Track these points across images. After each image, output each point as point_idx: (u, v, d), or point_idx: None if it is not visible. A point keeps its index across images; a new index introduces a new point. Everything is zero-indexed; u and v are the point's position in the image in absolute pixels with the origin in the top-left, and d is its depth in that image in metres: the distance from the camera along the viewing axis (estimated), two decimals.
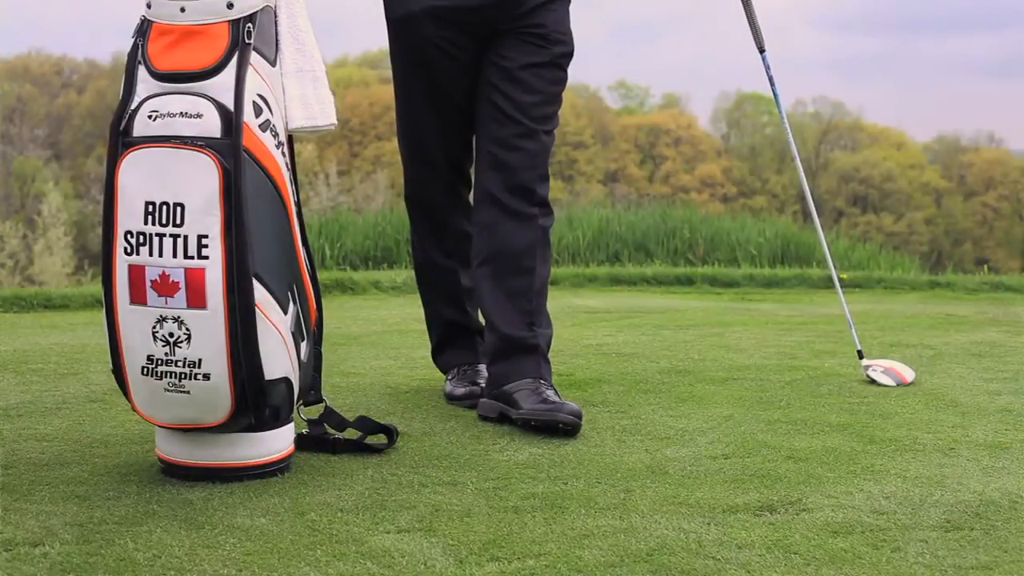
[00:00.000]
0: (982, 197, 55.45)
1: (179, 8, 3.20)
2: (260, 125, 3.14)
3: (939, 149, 61.26)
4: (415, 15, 3.84)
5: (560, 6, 3.94)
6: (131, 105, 3.18)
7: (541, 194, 3.89)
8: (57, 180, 43.80)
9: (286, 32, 3.32)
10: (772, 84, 4.68)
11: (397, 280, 8.62)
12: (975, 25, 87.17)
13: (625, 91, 65.70)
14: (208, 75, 3.15)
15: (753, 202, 49.13)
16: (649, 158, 57.81)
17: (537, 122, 3.86)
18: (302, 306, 3.24)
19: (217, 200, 3.03)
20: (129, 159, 3.09)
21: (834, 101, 60.80)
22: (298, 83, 3.32)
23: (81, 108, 53.37)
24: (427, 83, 3.94)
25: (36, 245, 33.84)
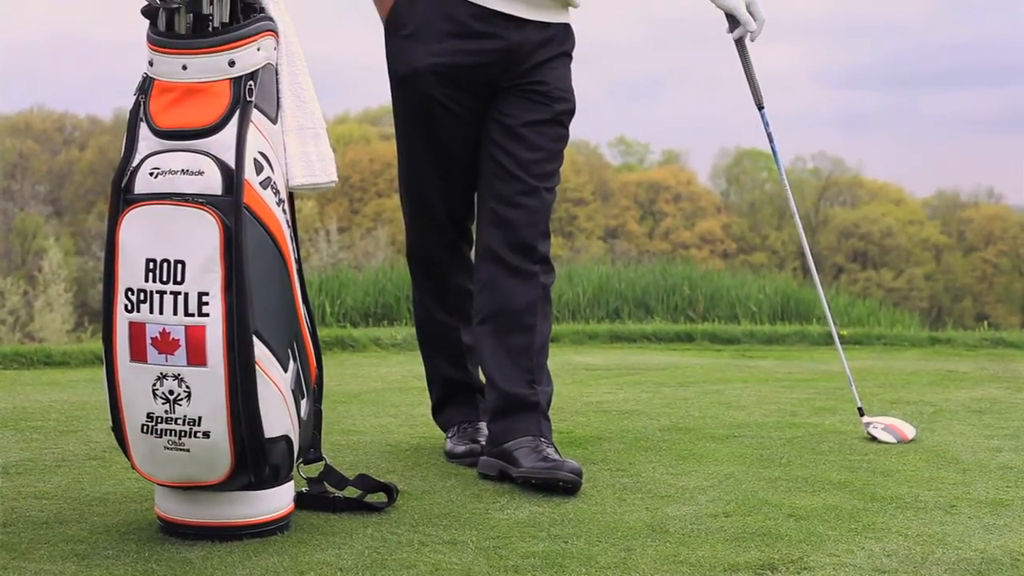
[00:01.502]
0: (982, 253, 55.47)
1: (181, 66, 3.22)
2: (261, 182, 3.15)
3: (938, 205, 61.36)
4: (418, 72, 3.85)
5: (561, 64, 3.96)
6: (133, 162, 3.19)
7: (542, 251, 3.90)
8: (58, 236, 43.85)
9: (287, 89, 3.34)
10: (771, 141, 4.70)
11: (397, 337, 8.61)
12: (973, 81, 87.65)
13: (625, 148, 65.93)
14: (210, 132, 3.16)
15: (753, 258, 49.16)
16: (649, 214, 57.90)
17: (539, 179, 3.88)
18: (302, 363, 3.23)
19: (218, 257, 3.04)
20: (130, 216, 3.10)
21: (833, 157, 60.98)
22: (299, 140, 3.33)
23: (83, 164, 53.50)
24: (429, 140, 3.95)
25: (36, 301, 33.84)
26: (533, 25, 3.87)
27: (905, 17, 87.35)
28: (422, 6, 3.84)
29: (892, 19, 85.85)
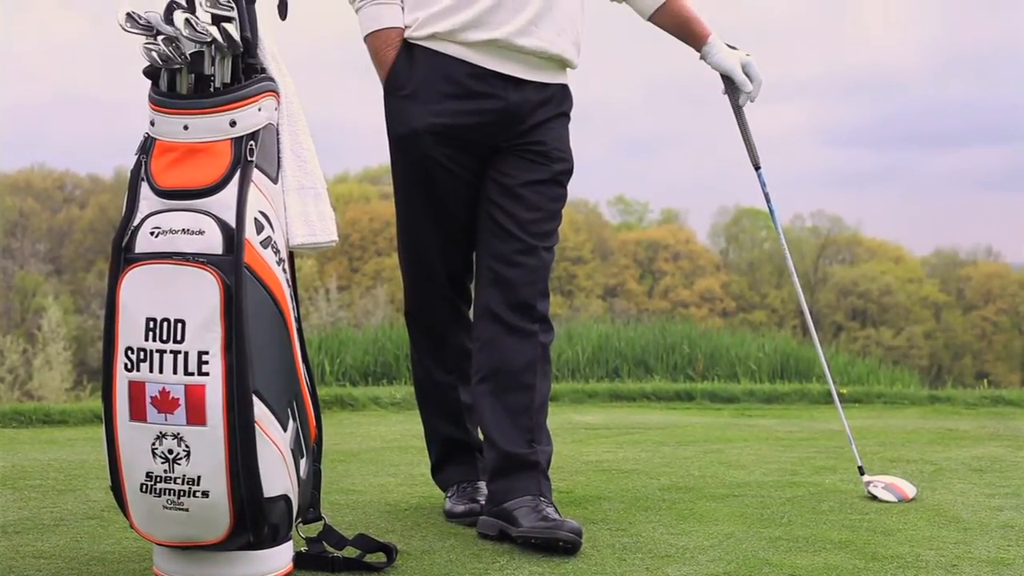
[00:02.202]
0: (981, 311, 55.49)
1: (182, 126, 3.24)
2: (262, 242, 3.16)
3: (937, 263, 61.44)
4: (417, 132, 3.87)
5: (560, 124, 3.99)
6: (134, 221, 3.20)
7: (541, 310, 3.90)
8: (57, 295, 43.83)
9: (288, 149, 3.35)
10: (768, 201, 4.71)
11: (396, 396, 8.60)
12: (970, 140, 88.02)
13: (624, 206, 66.07)
14: (210, 192, 3.17)
15: (752, 317, 49.16)
16: (648, 273, 57.96)
17: (537, 238, 3.89)
18: (302, 423, 3.23)
19: (218, 317, 3.04)
20: (131, 275, 3.10)
21: (832, 215, 61.09)
22: (299, 200, 3.35)
23: (83, 223, 53.60)
24: (428, 199, 3.97)
25: (36, 360, 33.77)
26: (531, 85, 3.89)
27: (903, 76, 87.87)
28: (421, 67, 3.86)
29: (889, 78, 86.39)
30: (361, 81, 4.47)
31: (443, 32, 3.83)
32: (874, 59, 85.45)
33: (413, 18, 3.87)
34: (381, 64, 3.92)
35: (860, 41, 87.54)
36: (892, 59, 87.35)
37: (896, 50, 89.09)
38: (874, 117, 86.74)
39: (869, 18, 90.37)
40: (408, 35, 3.88)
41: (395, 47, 3.89)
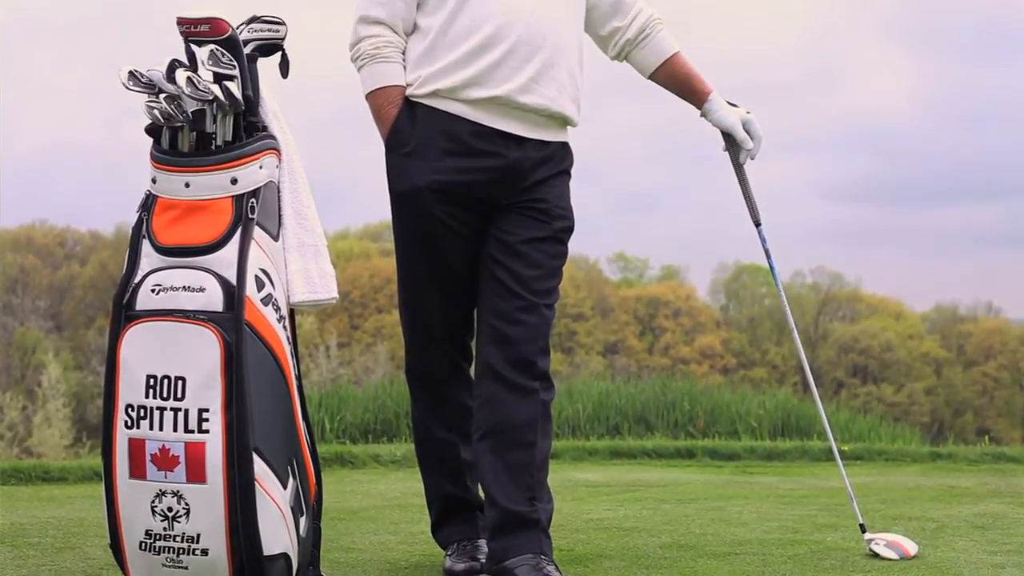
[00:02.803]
0: (982, 367, 55.42)
1: (184, 183, 3.26)
2: (262, 299, 3.17)
3: (937, 319, 61.42)
4: (419, 189, 3.88)
5: (560, 181, 4.00)
6: (135, 279, 3.21)
7: (542, 367, 3.90)
8: (57, 351, 43.81)
9: (289, 206, 3.37)
10: (768, 257, 4.71)
11: (397, 454, 8.58)
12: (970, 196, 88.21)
13: (624, 263, 66.07)
14: (211, 249, 3.19)
15: (753, 373, 49.10)
16: (648, 330, 57.92)
17: (538, 296, 3.90)
18: (302, 480, 3.23)
19: (218, 374, 3.05)
20: (131, 332, 3.11)
21: (832, 271, 61.10)
22: (300, 257, 3.36)
23: (83, 279, 53.62)
24: (429, 256, 3.97)
25: (35, 416, 33.72)
26: (532, 143, 3.91)
27: (901, 131, 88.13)
28: (422, 124, 3.88)
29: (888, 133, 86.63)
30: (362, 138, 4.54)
31: (445, 90, 3.85)
32: (873, 115, 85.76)
33: (415, 76, 3.89)
34: (383, 122, 3.94)
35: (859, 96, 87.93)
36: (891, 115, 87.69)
37: (895, 105, 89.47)
38: (874, 173, 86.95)
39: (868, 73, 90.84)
40: (410, 93, 3.90)
41: (397, 105, 3.90)
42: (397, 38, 3.92)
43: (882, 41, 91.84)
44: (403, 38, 3.94)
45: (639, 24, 4.17)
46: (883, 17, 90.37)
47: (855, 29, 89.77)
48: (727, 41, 78.35)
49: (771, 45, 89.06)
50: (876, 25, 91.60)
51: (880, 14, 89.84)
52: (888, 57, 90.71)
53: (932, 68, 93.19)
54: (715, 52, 62.10)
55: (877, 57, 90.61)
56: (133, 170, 3.63)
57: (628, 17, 4.17)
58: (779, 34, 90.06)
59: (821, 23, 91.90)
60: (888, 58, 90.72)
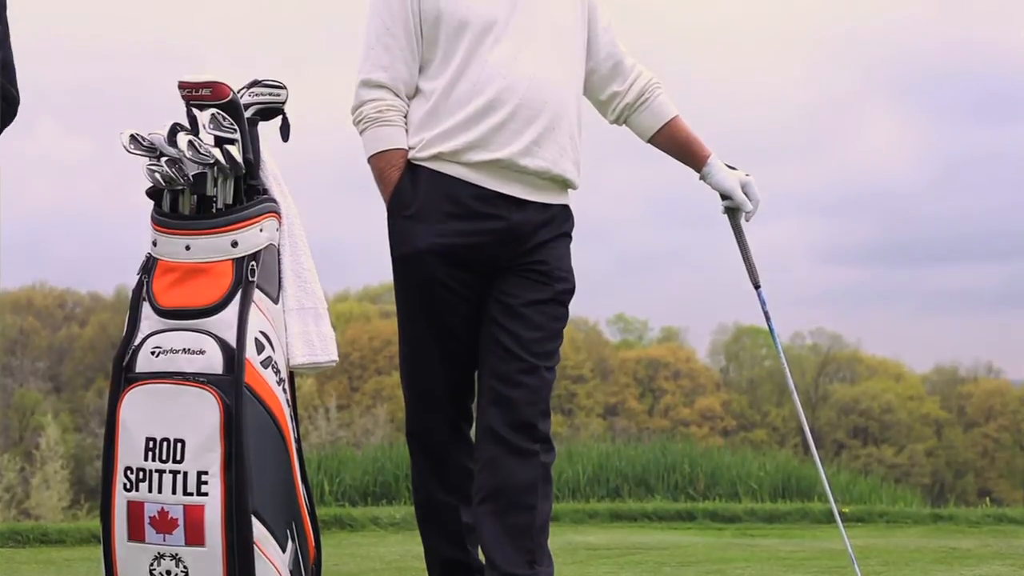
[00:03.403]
0: (983, 428, 55.32)
1: (184, 246, 3.27)
2: (262, 362, 3.17)
3: (938, 380, 61.36)
4: (420, 252, 3.89)
5: (561, 244, 4.01)
6: (135, 341, 3.21)
7: (543, 430, 3.90)
8: (56, 413, 43.73)
9: (289, 269, 3.38)
10: (768, 320, 4.71)
11: (396, 516, 8.54)
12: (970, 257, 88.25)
13: (624, 325, 66.07)
14: (211, 312, 3.19)
15: (753, 435, 49.00)
16: (648, 391, 57.86)
17: (539, 358, 3.89)
18: (300, 544, 3.22)
19: (218, 437, 3.04)
20: (131, 395, 3.11)
21: (832, 333, 61.08)
22: (300, 320, 3.36)
23: (83, 341, 53.62)
24: (431, 318, 3.97)
25: (33, 478, 33.61)
26: (534, 206, 3.92)
27: (900, 193, 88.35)
28: (425, 187, 3.89)
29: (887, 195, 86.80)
30: (363, 200, 4.55)
31: (447, 153, 3.86)
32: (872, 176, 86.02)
33: (417, 139, 3.91)
34: (385, 184, 3.94)
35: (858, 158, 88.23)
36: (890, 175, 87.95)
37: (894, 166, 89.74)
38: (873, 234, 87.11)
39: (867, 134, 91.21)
40: (412, 156, 3.91)
41: (399, 168, 3.92)
42: (399, 101, 3.94)
43: (881, 102, 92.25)
44: (405, 101, 3.96)
45: (638, 88, 4.20)
46: (882, 78, 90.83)
47: (854, 91, 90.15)
48: (726, 104, 78.72)
49: (770, 108, 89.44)
50: (875, 86, 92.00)
51: (879, 75, 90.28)
52: (887, 118, 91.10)
53: (930, 128, 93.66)
54: (714, 115, 62.38)
55: (876, 118, 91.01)
56: (134, 232, 3.64)
57: (627, 82, 4.19)
58: (778, 97, 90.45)
59: (820, 85, 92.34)
60: (887, 119, 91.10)
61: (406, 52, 3.93)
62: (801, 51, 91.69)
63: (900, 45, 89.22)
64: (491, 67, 3.86)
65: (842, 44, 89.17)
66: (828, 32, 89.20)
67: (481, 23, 3.89)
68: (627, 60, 4.21)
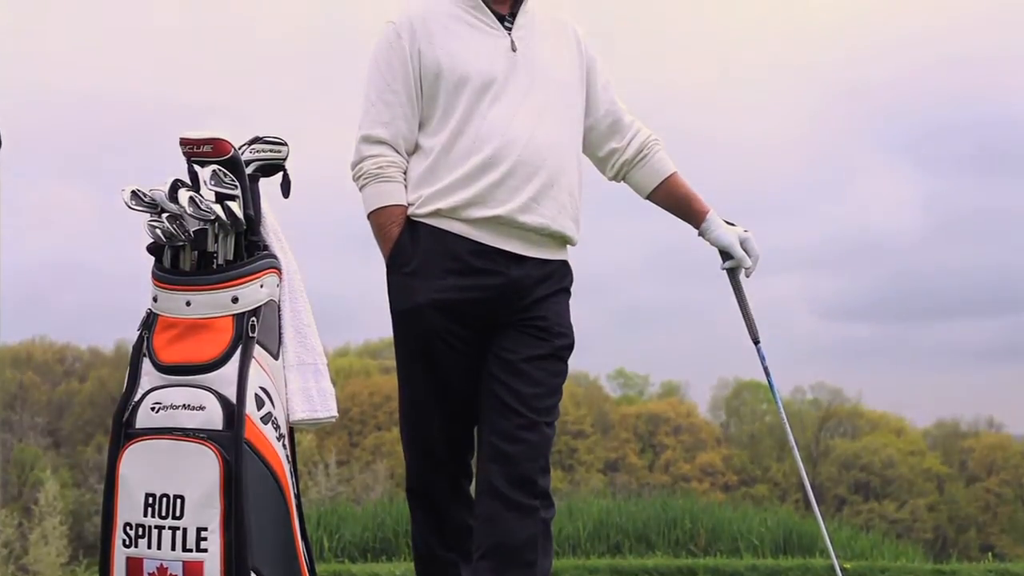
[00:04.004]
0: (984, 483, 55.13)
1: (185, 302, 3.27)
2: (262, 417, 3.17)
3: (939, 435, 61.20)
4: (420, 308, 3.89)
5: (560, 299, 4.02)
6: (135, 396, 3.22)
7: (542, 486, 3.89)
8: (55, 468, 43.60)
9: (289, 325, 3.38)
10: (768, 375, 4.70)
11: (396, 573, 8.52)
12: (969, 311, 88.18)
13: (624, 380, 65.94)
14: (211, 368, 3.19)
15: (754, 491, 48.82)
16: (649, 447, 57.70)
17: (539, 414, 3.89)
18: None
19: (217, 493, 3.04)
20: (131, 451, 3.11)
21: (832, 387, 60.95)
22: (300, 376, 3.36)
23: (82, 396, 53.52)
24: (431, 374, 3.97)
25: (32, 534, 33.44)
26: (532, 262, 3.93)
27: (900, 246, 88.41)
28: (424, 243, 3.89)
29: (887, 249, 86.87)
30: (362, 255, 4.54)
31: (446, 209, 3.88)
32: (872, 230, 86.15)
33: (417, 195, 3.92)
34: (385, 241, 3.95)
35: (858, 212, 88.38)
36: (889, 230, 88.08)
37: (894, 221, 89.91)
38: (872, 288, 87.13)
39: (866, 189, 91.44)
40: (411, 212, 3.92)
41: (399, 224, 3.93)
42: (399, 158, 3.96)
43: (880, 157, 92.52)
44: (405, 158, 3.97)
45: (637, 145, 4.22)
46: (882, 132, 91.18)
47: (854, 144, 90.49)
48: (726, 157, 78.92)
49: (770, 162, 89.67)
50: (875, 140, 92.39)
51: (879, 129, 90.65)
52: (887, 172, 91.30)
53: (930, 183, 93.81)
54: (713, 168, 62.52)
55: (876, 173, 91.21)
56: (134, 287, 3.65)
57: (626, 138, 4.21)
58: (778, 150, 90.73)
59: (820, 139, 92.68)
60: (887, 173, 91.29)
61: (406, 108, 3.96)
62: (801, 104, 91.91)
63: (901, 99, 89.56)
64: (490, 124, 3.88)
65: (842, 97, 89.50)
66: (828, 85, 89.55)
67: (481, 80, 3.91)
68: (626, 117, 4.23)
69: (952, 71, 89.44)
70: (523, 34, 4.03)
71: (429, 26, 3.98)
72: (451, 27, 3.98)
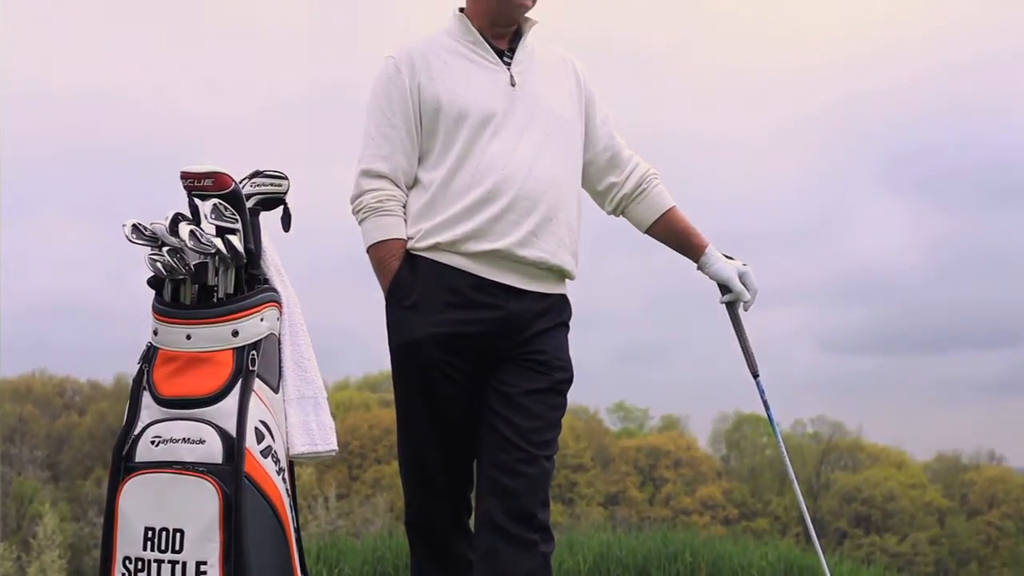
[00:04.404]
0: (986, 516, 55.04)
1: (185, 335, 3.27)
2: (262, 451, 3.17)
3: (940, 468, 61.12)
4: (419, 341, 3.89)
5: (559, 333, 4.02)
6: (135, 430, 3.21)
7: (542, 519, 3.88)
8: (55, 501, 43.50)
9: (289, 358, 3.39)
10: (767, 409, 4.70)
11: None
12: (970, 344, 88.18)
13: (624, 413, 65.88)
14: (211, 401, 3.20)
15: (755, 524, 48.71)
16: (649, 480, 57.60)
17: (538, 447, 3.88)
18: None
19: (217, 526, 3.04)
20: (130, 484, 3.11)
21: (833, 421, 60.93)
22: (300, 409, 3.36)
23: (81, 429, 53.44)
24: (429, 407, 3.96)
25: (30, 568, 33.36)
26: (531, 295, 3.93)
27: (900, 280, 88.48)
28: (423, 277, 3.90)
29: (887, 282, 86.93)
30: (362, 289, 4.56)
31: (445, 243, 3.88)
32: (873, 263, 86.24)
33: (416, 229, 3.92)
34: (384, 274, 3.95)
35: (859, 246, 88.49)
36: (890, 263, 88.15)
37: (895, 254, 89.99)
38: (873, 321, 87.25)
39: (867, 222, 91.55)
40: (411, 246, 3.93)
41: (398, 258, 3.93)
42: (399, 192, 3.96)
43: (881, 190, 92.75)
44: (404, 192, 3.98)
45: (636, 179, 4.22)
46: (882, 166, 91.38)
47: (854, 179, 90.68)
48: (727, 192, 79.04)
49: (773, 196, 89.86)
50: (875, 174, 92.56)
51: (879, 163, 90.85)
52: (888, 206, 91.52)
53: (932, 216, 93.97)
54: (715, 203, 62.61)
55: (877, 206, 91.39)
56: (134, 320, 3.65)
57: (624, 172, 4.22)
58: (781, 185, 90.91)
59: (820, 174, 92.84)
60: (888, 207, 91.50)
61: (406, 143, 3.96)
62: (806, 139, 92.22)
63: (904, 136, 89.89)
64: (490, 158, 3.88)
65: (847, 134, 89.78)
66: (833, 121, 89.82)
67: (480, 114, 3.92)
68: (624, 152, 4.24)
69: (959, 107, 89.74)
70: (522, 69, 4.04)
71: (429, 61, 3.99)
72: (451, 62, 4.00)
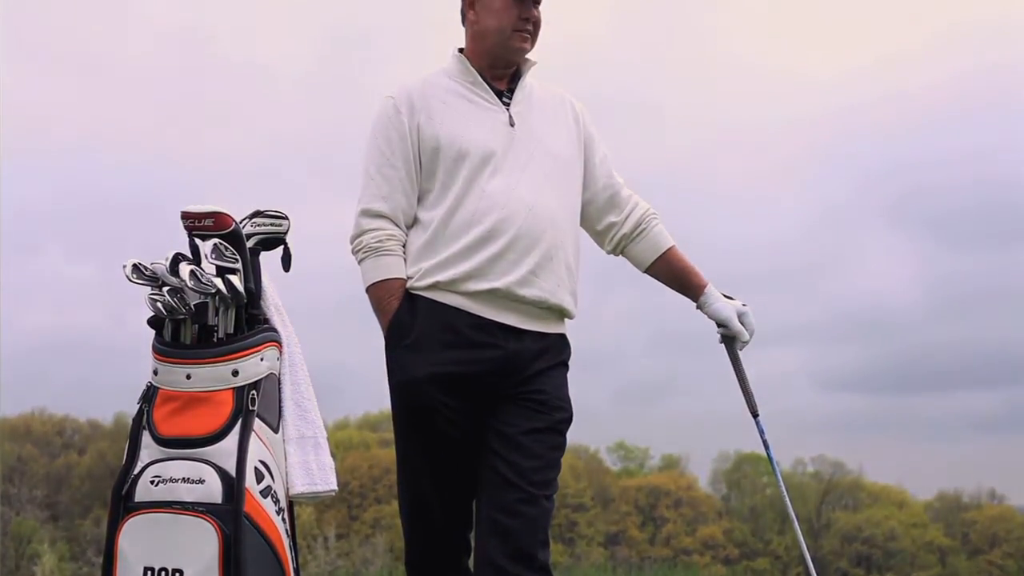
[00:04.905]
0: (987, 555, 54.82)
1: (185, 375, 3.28)
2: (262, 491, 3.17)
3: (941, 507, 60.90)
4: (418, 381, 3.88)
5: (559, 373, 4.01)
6: (134, 470, 3.21)
7: (542, 560, 3.86)
8: (53, 541, 43.30)
9: (289, 398, 3.39)
10: (767, 448, 4.69)
11: None
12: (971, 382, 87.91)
13: (624, 452, 65.67)
14: (211, 441, 3.20)
15: (756, 564, 48.52)
16: (650, 520, 57.37)
17: (538, 487, 3.87)
18: None
19: (216, 567, 3.04)
20: (130, 524, 3.11)
21: (833, 460, 60.68)
22: (300, 449, 3.36)
23: (81, 469, 53.26)
24: (429, 447, 3.95)
25: None
26: (531, 335, 3.93)
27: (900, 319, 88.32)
28: (423, 317, 3.90)
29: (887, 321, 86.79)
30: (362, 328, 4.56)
31: (445, 282, 3.88)
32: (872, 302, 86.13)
33: (416, 268, 3.93)
34: (384, 314, 3.95)
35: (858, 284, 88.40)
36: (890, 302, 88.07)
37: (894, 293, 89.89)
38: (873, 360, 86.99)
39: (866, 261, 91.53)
40: (410, 285, 3.93)
41: (398, 297, 3.93)
42: (399, 231, 3.97)
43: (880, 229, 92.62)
44: (404, 231, 3.98)
45: (635, 219, 4.23)
46: (882, 205, 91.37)
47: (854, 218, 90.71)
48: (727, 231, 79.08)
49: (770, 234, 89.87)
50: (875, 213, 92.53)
51: (879, 203, 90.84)
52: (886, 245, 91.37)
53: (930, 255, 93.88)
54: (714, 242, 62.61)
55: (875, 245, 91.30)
56: (134, 360, 3.65)
57: (624, 212, 4.23)
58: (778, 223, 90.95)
59: (820, 212, 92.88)
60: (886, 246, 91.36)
61: (405, 182, 3.97)
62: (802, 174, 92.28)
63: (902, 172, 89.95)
64: (489, 197, 3.89)
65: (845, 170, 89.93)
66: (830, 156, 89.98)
67: (480, 154, 3.93)
68: (623, 191, 4.24)
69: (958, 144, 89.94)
70: (521, 109, 4.06)
71: (428, 101, 4.01)
72: (450, 102, 4.01)
